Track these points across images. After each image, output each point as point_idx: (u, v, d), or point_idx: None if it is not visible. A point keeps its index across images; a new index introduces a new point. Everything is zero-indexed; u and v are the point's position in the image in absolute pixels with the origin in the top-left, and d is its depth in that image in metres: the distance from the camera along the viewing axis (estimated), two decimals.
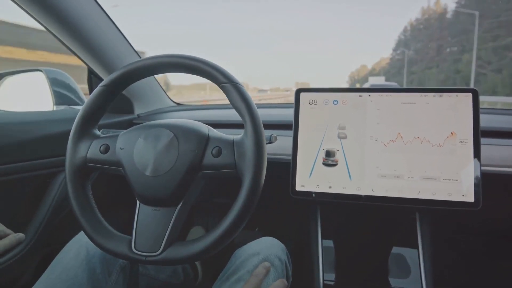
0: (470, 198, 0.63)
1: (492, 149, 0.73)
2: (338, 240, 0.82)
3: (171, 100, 1.27)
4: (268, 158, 0.50)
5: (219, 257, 0.72)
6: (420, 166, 0.65)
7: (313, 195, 0.69)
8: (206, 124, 0.55)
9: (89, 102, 0.54)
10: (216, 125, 0.60)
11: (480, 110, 0.65)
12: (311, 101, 0.71)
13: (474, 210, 0.63)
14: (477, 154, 0.64)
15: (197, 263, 1.05)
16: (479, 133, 0.64)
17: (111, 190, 1.01)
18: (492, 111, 0.93)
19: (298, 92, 0.72)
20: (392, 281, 0.76)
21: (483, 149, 0.65)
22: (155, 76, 1.16)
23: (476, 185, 0.63)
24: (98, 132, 0.56)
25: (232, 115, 0.93)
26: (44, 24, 0.79)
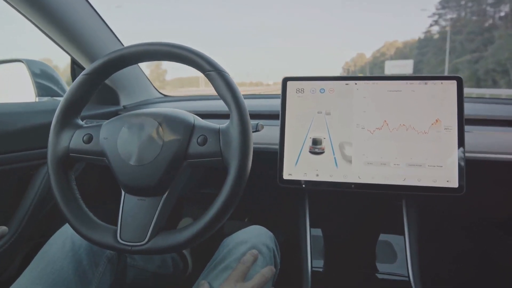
0: (454, 184, 0.64)
1: (476, 136, 0.75)
2: (326, 228, 0.83)
3: (158, 91, 1.26)
4: (255, 147, 0.50)
5: (209, 247, 0.72)
6: (406, 153, 0.66)
7: (302, 183, 0.69)
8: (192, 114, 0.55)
9: (71, 91, 0.53)
10: (203, 115, 0.59)
11: (465, 99, 0.66)
12: (298, 89, 0.71)
13: (458, 195, 0.64)
14: (461, 141, 0.65)
15: (186, 253, 1.05)
16: (463, 120, 0.65)
17: (96, 180, 1.00)
18: (476, 100, 0.95)
19: (285, 81, 0.72)
20: (380, 266, 0.77)
21: (467, 136, 0.66)
22: (141, 67, 1.14)
23: (460, 171, 0.64)
24: (81, 122, 0.55)
25: (219, 105, 0.92)
26: (24, 13, 0.77)
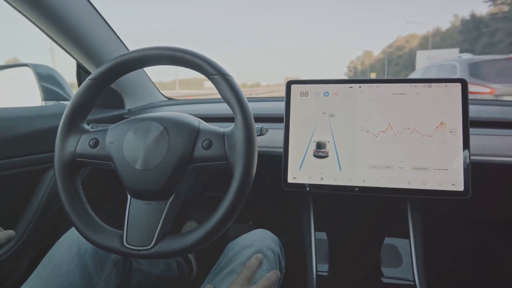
0: (460, 187, 0.64)
1: (481, 139, 0.74)
2: (331, 232, 0.83)
3: (162, 95, 1.27)
4: (259, 151, 0.50)
5: (213, 250, 0.72)
6: (411, 156, 0.66)
7: (306, 186, 0.69)
8: (197, 117, 0.55)
9: (77, 96, 0.53)
10: (207, 119, 0.59)
11: (469, 101, 0.66)
12: (302, 93, 0.71)
13: (464, 199, 0.64)
14: (466, 143, 0.64)
15: (191, 257, 1.05)
16: (468, 123, 0.65)
17: (102, 184, 1.00)
18: (481, 101, 0.94)
19: (289, 84, 0.72)
20: (385, 270, 0.77)
21: (472, 139, 0.66)
22: (146, 71, 1.15)
23: (465, 175, 0.64)
24: (87, 127, 0.56)
25: (223, 108, 0.93)
26: (30, 18, 0.78)
